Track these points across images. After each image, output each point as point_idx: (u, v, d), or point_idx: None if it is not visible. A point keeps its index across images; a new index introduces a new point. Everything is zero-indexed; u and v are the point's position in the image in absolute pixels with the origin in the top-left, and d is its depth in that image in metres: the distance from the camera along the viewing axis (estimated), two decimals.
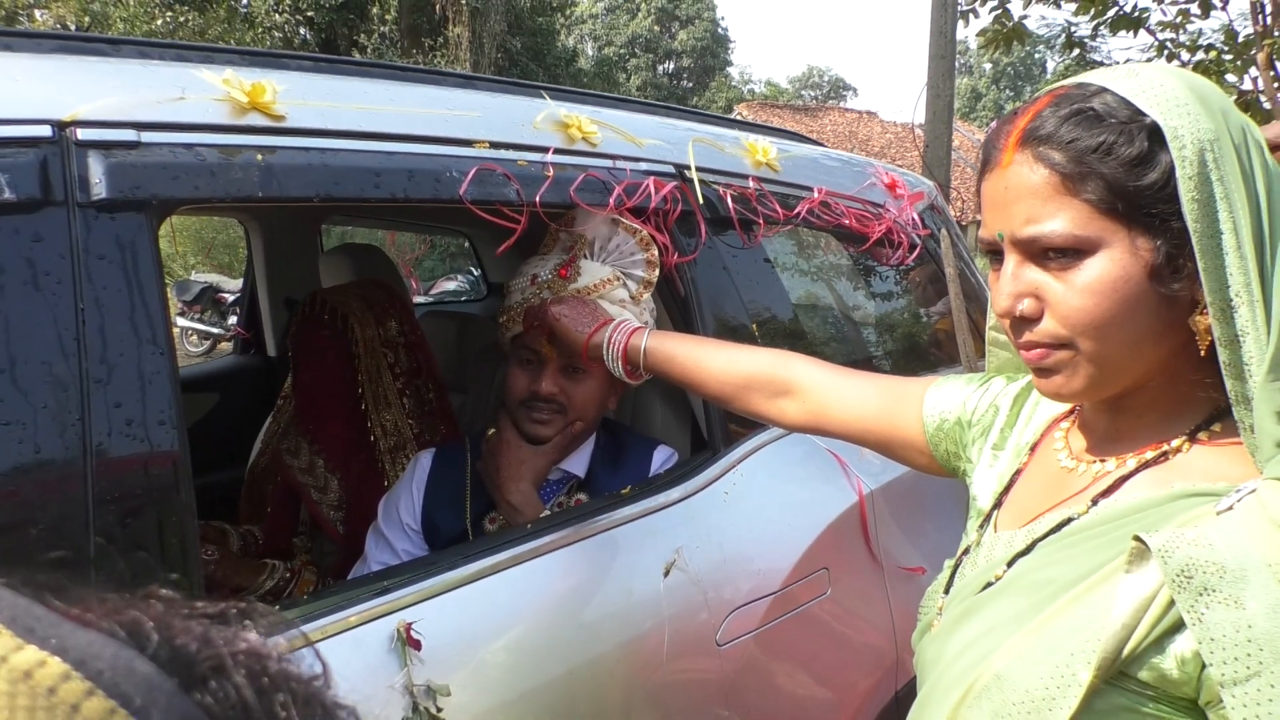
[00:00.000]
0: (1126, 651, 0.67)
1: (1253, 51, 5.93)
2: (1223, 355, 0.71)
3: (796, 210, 1.83)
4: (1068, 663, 0.70)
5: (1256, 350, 0.70)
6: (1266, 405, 0.69)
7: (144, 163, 1.03)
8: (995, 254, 0.81)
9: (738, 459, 1.59)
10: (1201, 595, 0.64)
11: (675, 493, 1.48)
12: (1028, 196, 0.76)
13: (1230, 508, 0.68)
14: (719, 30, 44.75)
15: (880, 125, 25.41)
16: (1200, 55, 6.48)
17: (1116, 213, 0.72)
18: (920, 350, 2.37)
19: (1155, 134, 0.71)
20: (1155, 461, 0.78)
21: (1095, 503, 0.79)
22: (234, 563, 1.87)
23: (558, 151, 1.44)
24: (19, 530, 0.91)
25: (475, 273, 5.22)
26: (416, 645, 1.11)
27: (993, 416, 1.01)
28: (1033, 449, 0.94)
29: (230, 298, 9.96)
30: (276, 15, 15.48)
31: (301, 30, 15.93)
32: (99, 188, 0.99)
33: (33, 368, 0.92)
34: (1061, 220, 0.74)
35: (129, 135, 1.04)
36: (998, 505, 0.93)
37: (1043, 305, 0.77)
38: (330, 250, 2.53)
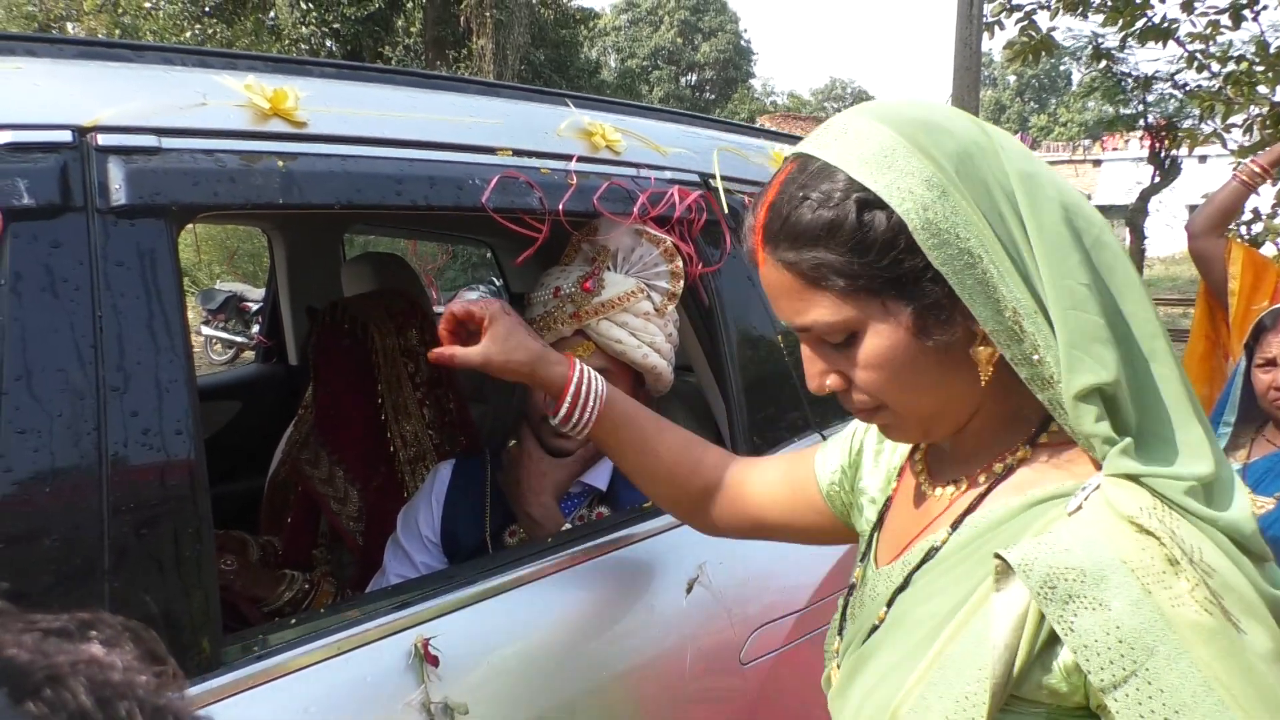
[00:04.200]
0: (1015, 672, 0.67)
1: None
2: (1022, 373, 0.73)
3: None
4: (964, 699, 0.68)
5: (1052, 358, 0.71)
6: (1076, 410, 0.70)
7: (164, 168, 1.02)
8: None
9: None
10: (1068, 603, 0.64)
11: None
12: (784, 295, 0.78)
13: (1080, 507, 0.69)
14: (742, 42, 44.87)
15: None
16: (1231, 66, 6.41)
17: (863, 290, 0.74)
18: None
19: (867, 200, 0.72)
20: (1005, 474, 0.78)
21: (955, 526, 0.78)
22: (253, 573, 1.85)
23: (581, 159, 1.43)
24: (34, 540, 0.89)
25: (497, 283, 5.22)
26: (434, 661, 1.09)
27: (859, 449, 1.02)
28: (900, 473, 0.94)
29: (255, 306, 10.03)
30: (303, 27, 15.65)
31: (327, 42, 16.09)
32: (119, 194, 0.98)
33: (49, 375, 0.91)
34: (817, 313, 0.76)
35: (149, 141, 1.03)
36: (873, 541, 0.93)
37: (846, 378, 0.79)
38: (352, 259, 2.52)
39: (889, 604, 0.81)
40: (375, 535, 1.83)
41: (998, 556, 0.68)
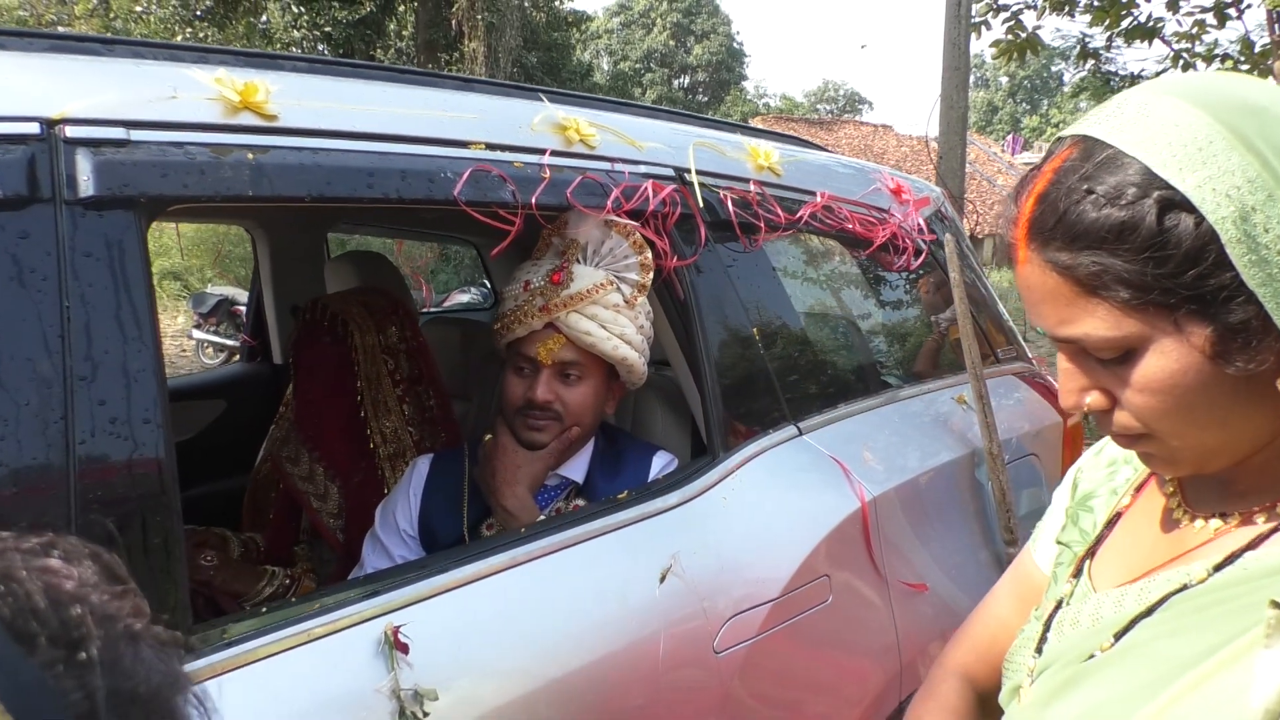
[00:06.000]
0: None
1: (1269, 61, 5.90)
2: None
3: (799, 214, 1.82)
4: None
5: None
6: None
7: (133, 160, 1.03)
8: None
9: (737, 464, 1.57)
10: None
11: (673, 498, 1.46)
12: (1049, 300, 0.68)
13: None
14: (734, 45, 44.97)
15: (896, 138, 25.40)
16: (1216, 65, 6.45)
17: (1153, 304, 0.63)
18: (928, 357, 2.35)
19: (1171, 201, 0.61)
20: None
21: (1223, 564, 0.68)
22: (234, 569, 1.86)
23: (555, 153, 1.43)
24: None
25: (487, 285, 5.23)
26: (404, 648, 1.09)
27: (1079, 477, 0.93)
28: (1139, 488, 0.84)
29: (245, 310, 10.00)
30: (294, 31, 15.65)
31: (319, 46, 16.09)
32: (87, 185, 0.99)
33: (16, 364, 0.92)
34: (1090, 325, 0.66)
35: (118, 133, 1.03)
36: (1091, 554, 0.84)
37: (1110, 396, 0.69)
38: (336, 258, 2.53)
39: (1121, 630, 0.72)
40: (355, 532, 1.84)
41: (1275, 605, 0.59)
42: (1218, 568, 0.68)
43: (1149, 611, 0.71)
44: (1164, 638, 0.68)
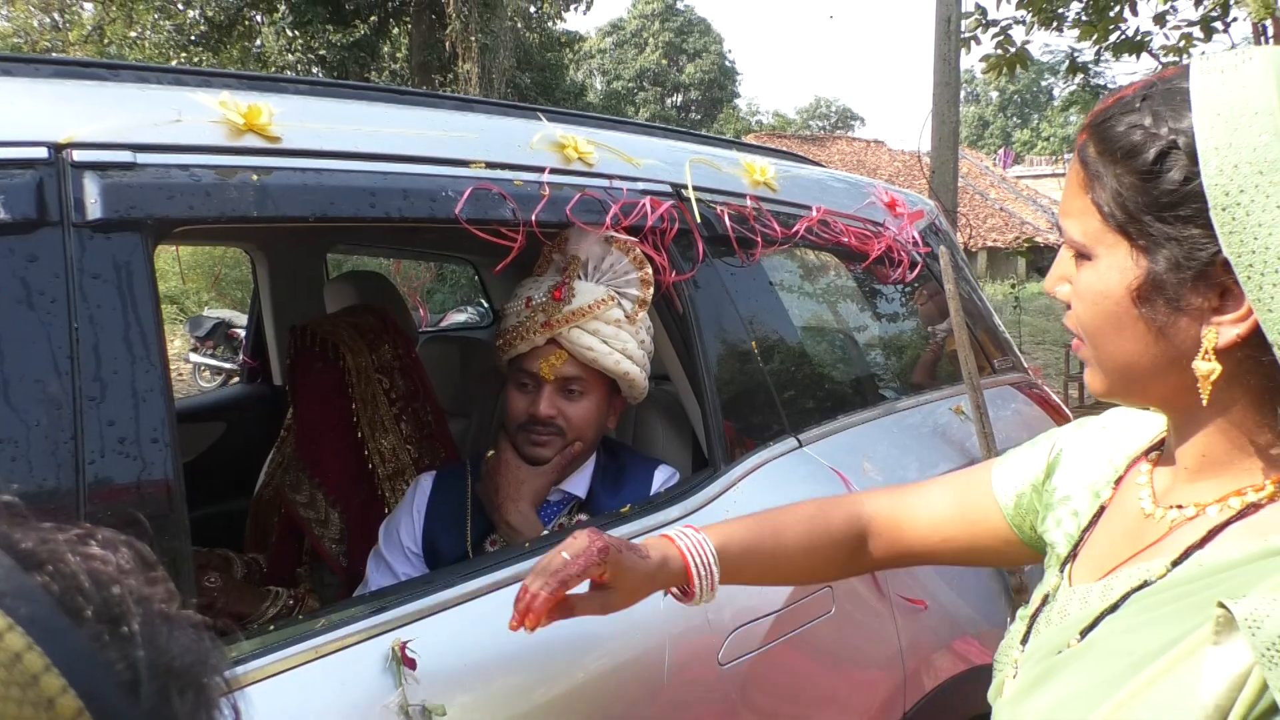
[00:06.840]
0: None
1: None
2: None
3: (795, 229, 1.83)
4: None
5: None
6: None
7: (139, 183, 1.04)
8: None
9: (738, 476, 1.58)
10: None
11: (675, 510, 1.47)
12: (1069, 181, 0.73)
13: None
14: (726, 63, 45.27)
15: (888, 153, 25.55)
16: None
17: (1118, 227, 0.67)
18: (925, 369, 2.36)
19: (1179, 148, 0.64)
20: (1246, 511, 0.68)
21: (1179, 560, 0.70)
22: (237, 590, 1.86)
23: (554, 171, 1.45)
24: None
25: (485, 304, 5.25)
26: (411, 664, 1.10)
27: (1057, 456, 0.95)
28: (1117, 483, 0.86)
29: (243, 333, 9.99)
30: (289, 55, 15.74)
31: (314, 70, 16.18)
32: (94, 208, 1.00)
33: (26, 385, 0.93)
34: (1074, 220, 0.71)
35: (125, 156, 1.05)
36: (1074, 554, 0.86)
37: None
38: (335, 278, 2.54)
39: (1087, 627, 0.74)
40: (358, 556, 1.84)
41: (1221, 606, 0.59)
42: (1175, 563, 0.70)
43: (1113, 608, 0.73)
44: (1125, 633, 0.70)
